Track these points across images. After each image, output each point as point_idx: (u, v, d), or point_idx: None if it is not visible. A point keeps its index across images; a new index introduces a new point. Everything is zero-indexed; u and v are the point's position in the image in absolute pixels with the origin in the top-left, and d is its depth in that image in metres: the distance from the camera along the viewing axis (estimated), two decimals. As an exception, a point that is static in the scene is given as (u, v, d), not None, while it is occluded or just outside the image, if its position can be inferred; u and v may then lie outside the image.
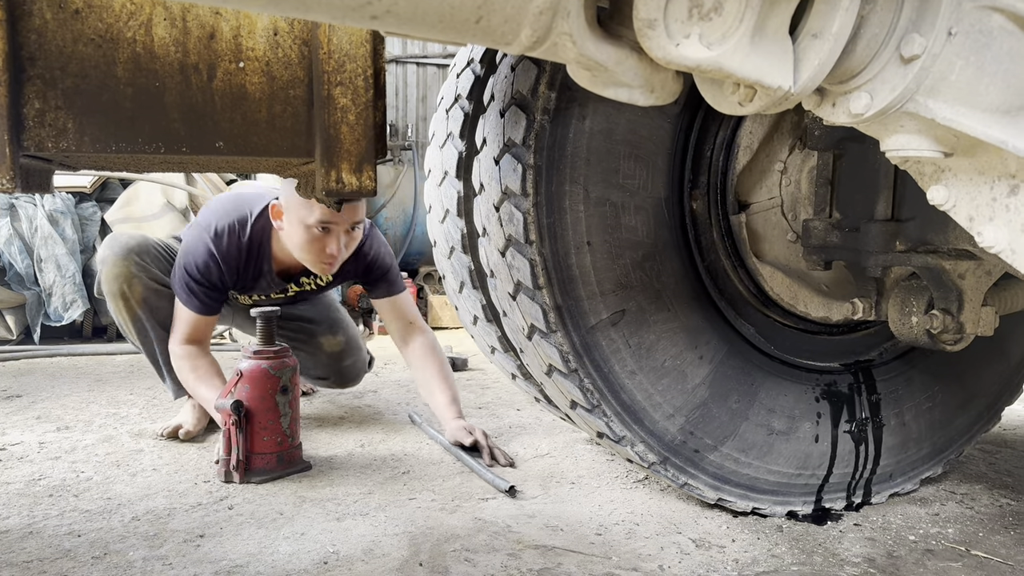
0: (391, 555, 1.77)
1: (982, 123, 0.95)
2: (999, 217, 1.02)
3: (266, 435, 2.27)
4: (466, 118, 2.06)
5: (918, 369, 2.14)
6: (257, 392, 2.26)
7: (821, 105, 1.06)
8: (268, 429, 2.27)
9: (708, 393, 1.93)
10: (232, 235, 2.53)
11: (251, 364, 2.27)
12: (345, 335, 3.13)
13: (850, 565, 1.77)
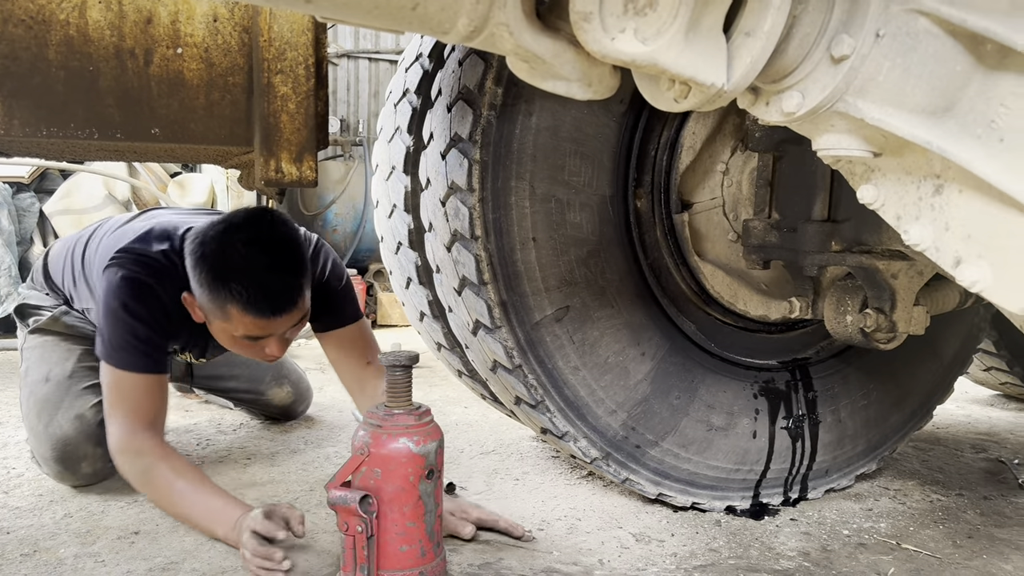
0: (330, 551, 1.76)
1: (908, 124, 0.97)
2: (925, 216, 1.05)
3: (404, 543, 1.52)
4: (414, 113, 2.05)
5: (854, 367, 2.19)
6: (394, 481, 1.50)
7: (755, 104, 1.07)
8: (407, 535, 1.52)
9: (650, 389, 1.95)
10: (157, 262, 1.91)
11: (382, 437, 1.51)
12: (291, 380, 2.81)
13: (785, 559, 1.81)
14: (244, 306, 1.73)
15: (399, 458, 1.50)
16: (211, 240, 1.74)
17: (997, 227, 0.96)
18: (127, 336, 1.81)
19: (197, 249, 1.76)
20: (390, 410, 1.55)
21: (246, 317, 1.75)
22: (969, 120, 0.97)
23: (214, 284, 1.74)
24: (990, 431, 3.09)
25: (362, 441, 1.51)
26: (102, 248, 2.04)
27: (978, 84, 0.96)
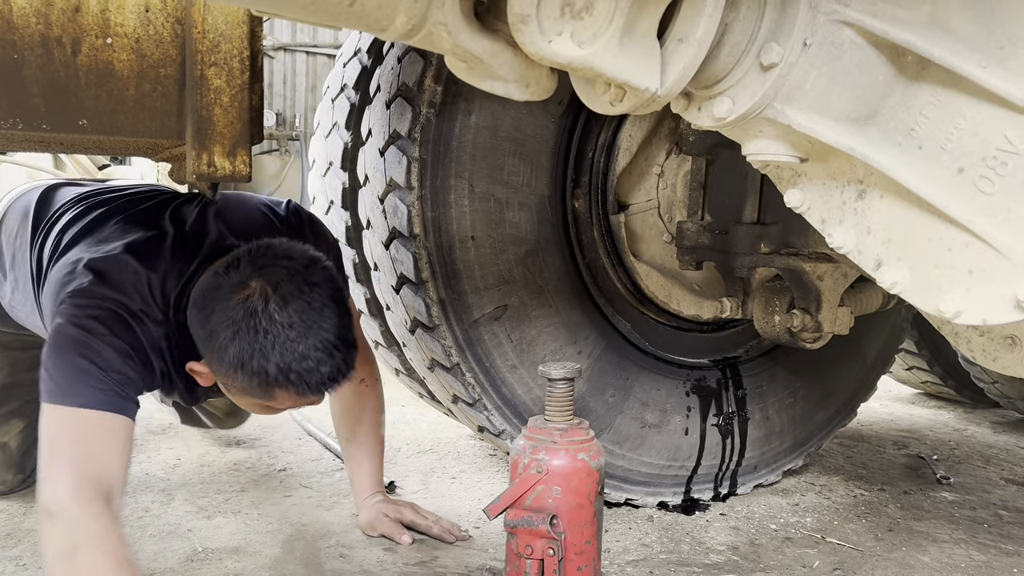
0: (263, 552, 1.73)
1: (833, 130, 1.01)
2: (848, 220, 1.09)
3: (581, 563, 1.42)
4: (352, 109, 2.03)
5: (781, 366, 2.25)
6: (574, 498, 1.40)
7: (688, 109, 1.10)
8: (584, 554, 1.42)
9: (586, 387, 1.97)
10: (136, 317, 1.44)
11: (560, 453, 1.42)
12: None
13: (715, 553, 1.85)
14: (299, 390, 1.35)
15: (579, 474, 1.41)
16: (239, 308, 1.31)
17: (915, 231, 1.00)
18: (89, 363, 1.32)
19: (223, 321, 1.33)
20: (556, 425, 1.46)
21: (296, 399, 1.39)
22: (891, 128, 1.01)
23: (257, 370, 1.32)
24: (911, 428, 3.22)
25: (535, 459, 1.41)
26: (66, 254, 1.49)
27: (899, 94, 1.00)
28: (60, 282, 1.40)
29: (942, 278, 0.97)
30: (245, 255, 1.37)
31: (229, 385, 1.40)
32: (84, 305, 1.35)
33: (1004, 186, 0.90)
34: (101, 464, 1.29)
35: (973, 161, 0.93)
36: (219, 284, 1.35)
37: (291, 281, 1.33)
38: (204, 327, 1.36)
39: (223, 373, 1.37)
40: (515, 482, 1.42)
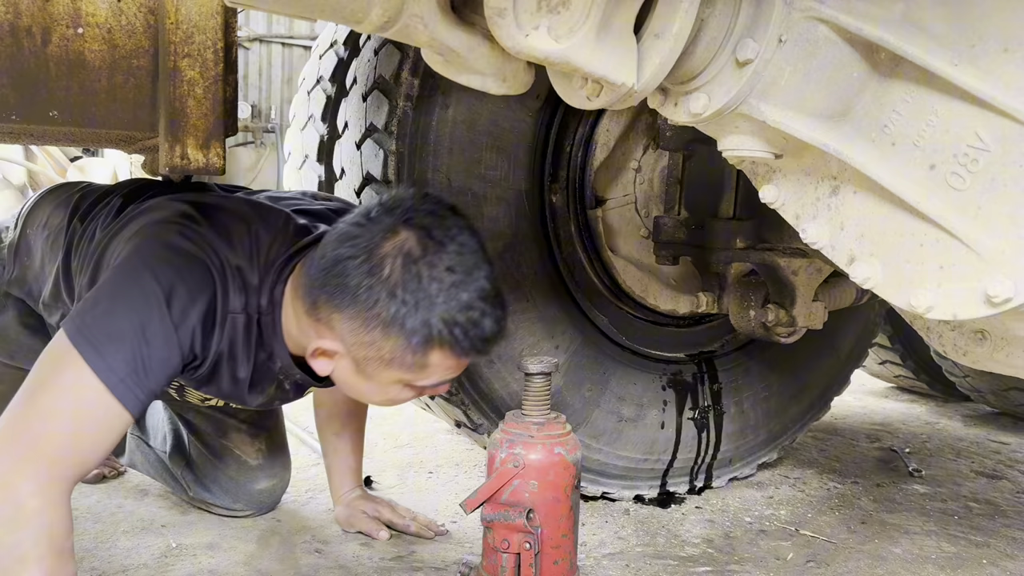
0: (237, 548, 1.72)
1: (807, 127, 1.02)
2: (822, 215, 1.10)
3: (558, 556, 1.42)
4: (328, 101, 2.02)
5: (756, 360, 2.27)
6: (551, 492, 1.41)
7: (664, 104, 1.10)
8: (561, 548, 1.42)
9: (563, 381, 1.98)
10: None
11: (537, 447, 1.42)
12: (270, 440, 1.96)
13: (690, 545, 1.87)
14: (459, 349, 1.21)
15: (556, 469, 1.41)
16: (393, 257, 1.17)
17: (888, 227, 1.01)
18: (139, 328, 1.13)
19: (374, 273, 1.17)
20: (533, 419, 1.45)
21: (448, 365, 1.25)
22: (864, 124, 1.02)
23: (419, 324, 1.17)
24: (884, 421, 3.26)
25: (512, 453, 1.40)
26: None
27: (873, 90, 1.01)
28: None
29: (914, 273, 0.98)
30: (378, 207, 1.22)
31: (370, 359, 1.22)
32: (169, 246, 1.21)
33: (975, 183, 0.91)
34: (79, 454, 1.11)
35: (945, 158, 0.94)
36: (358, 235, 1.19)
37: (441, 226, 1.20)
38: (343, 287, 1.18)
39: (367, 342, 1.20)
40: (491, 477, 1.41)
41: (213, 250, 1.25)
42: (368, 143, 1.74)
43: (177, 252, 1.23)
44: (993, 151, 0.89)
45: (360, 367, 1.25)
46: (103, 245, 1.33)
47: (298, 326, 1.30)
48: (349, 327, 1.20)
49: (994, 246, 0.90)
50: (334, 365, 1.27)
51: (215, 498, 1.87)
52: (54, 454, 1.07)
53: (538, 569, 1.40)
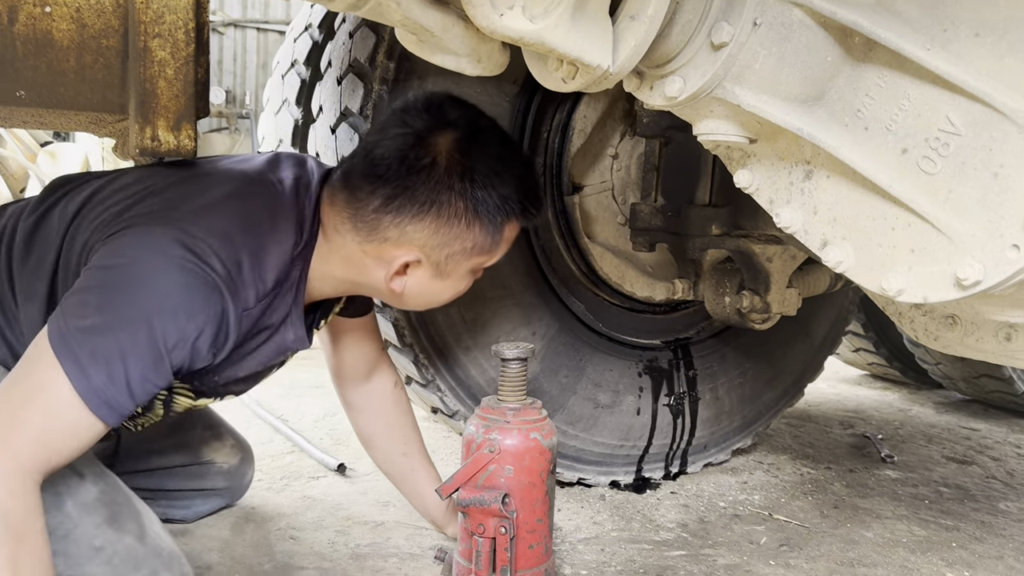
0: (211, 535, 1.71)
1: (782, 111, 1.02)
2: (795, 200, 1.11)
3: (533, 540, 1.44)
4: (303, 85, 2.00)
5: (731, 347, 2.28)
6: (526, 477, 1.42)
7: (640, 88, 1.10)
8: (536, 532, 1.44)
9: (540, 368, 1.98)
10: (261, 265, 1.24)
11: (513, 432, 1.42)
12: (229, 431, 1.88)
13: (665, 530, 1.88)
14: (527, 215, 1.33)
15: (531, 454, 1.42)
16: (454, 152, 1.23)
17: (860, 211, 1.02)
18: (127, 351, 1.08)
19: (443, 171, 1.23)
20: (509, 404, 1.46)
21: (517, 231, 1.37)
22: (838, 109, 1.03)
23: (499, 202, 1.26)
24: (857, 408, 3.29)
25: (488, 439, 1.41)
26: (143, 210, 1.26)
27: (847, 75, 1.02)
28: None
29: (885, 257, 0.99)
30: (397, 122, 1.26)
31: (453, 255, 1.29)
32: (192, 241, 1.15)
33: (946, 167, 0.92)
34: (57, 454, 1.07)
35: (917, 142, 0.94)
36: (402, 148, 1.23)
37: (468, 116, 1.28)
38: (411, 198, 1.23)
39: (450, 238, 1.27)
40: (467, 462, 1.42)
41: (216, 258, 1.17)
42: (343, 127, 1.73)
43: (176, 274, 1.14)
44: (964, 135, 0.90)
45: (439, 268, 1.32)
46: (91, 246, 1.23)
47: (354, 261, 1.32)
48: (429, 232, 1.25)
49: (964, 230, 0.91)
50: (406, 281, 1.32)
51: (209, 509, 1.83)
52: (19, 447, 1.04)
53: (513, 553, 1.40)
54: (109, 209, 1.28)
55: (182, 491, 1.76)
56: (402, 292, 1.34)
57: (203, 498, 1.79)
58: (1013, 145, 0.86)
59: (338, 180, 1.32)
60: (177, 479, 1.74)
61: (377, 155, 1.25)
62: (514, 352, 1.46)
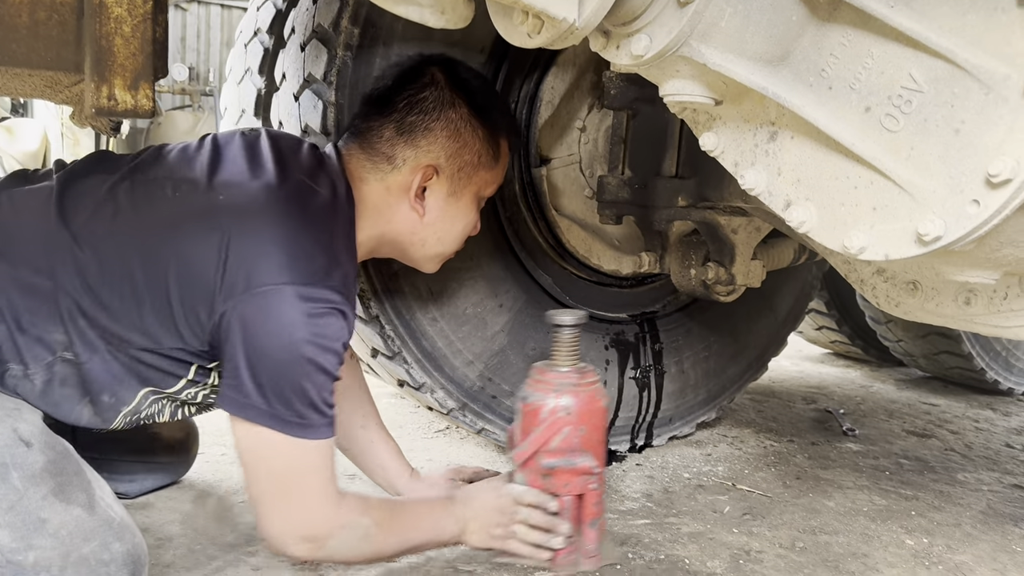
0: (173, 507, 1.68)
1: (747, 70, 1.02)
2: (760, 162, 1.11)
3: (602, 492, 1.55)
4: (266, 53, 1.96)
5: (697, 321, 2.30)
6: (595, 435, 1.51)
7: (607, 47, 1.09)
8: (602, 484, 1.54)
9: (507, 340, 1.97)
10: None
11: (583, 395, 1.50)
12: None
13: (630, 500, 1.89)
14: (511, 131, 1.56)
15: (600, 414, 1.53)
16: (441, 83, 1.45)
17: (824, 171, 1.02)
18: (322, 394, 1.25)
19: (439, 103, 1.43)
20: (571, 369, 1.54)
21: (507, 150, 1.56)
22: (802, 69, 1.03)
23: (485, 117, 1.48)
24: (820, 384, 3.34)
25: (560, 403, 1.49)
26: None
27: (811, 34, 1.02)
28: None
29: (848, 215, 0.99)
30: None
31: (465, 165, 1.47)
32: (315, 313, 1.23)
33: (908, 123, 0.92)
34: (333, 476, 1.31)
35: (880, 100, 0.95)
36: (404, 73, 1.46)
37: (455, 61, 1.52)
38: (422, 114, 1.42)
39: (460, 145, 1.45)
40: (542, 427, 1.48)
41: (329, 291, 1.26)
42: (307, 94, 1.70)
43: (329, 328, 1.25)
44: (926, 92, 0.91)
45: (454, 182, 1.46)
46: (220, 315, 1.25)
47: (380, 207, 1.45)
48: (441, 142, 1.43)
49: (925, 186, 0.91)
50: (426, 204, 1.46)
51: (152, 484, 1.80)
52: (331, 481, 1.30)
53: (602, 508, 1.53)
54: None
55: (127, 462, 1.72)
56: (423, 217, 1.46)
57: (147, 471, 1.76)
58: (974, 101, 0.87)
59: (348, 136, 1.48)
60: (122, 449, 1.70)
61: (377, 92, 1.45)
62: (570, 319, 1.54)
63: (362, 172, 1.44)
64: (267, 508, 1.27)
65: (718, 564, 1.58)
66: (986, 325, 1.27)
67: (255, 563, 1.47)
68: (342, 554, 1.34)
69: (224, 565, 1.46)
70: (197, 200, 1.29)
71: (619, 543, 1.64)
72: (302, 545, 1.28)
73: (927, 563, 1.64)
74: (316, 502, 1.28)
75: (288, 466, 1.26)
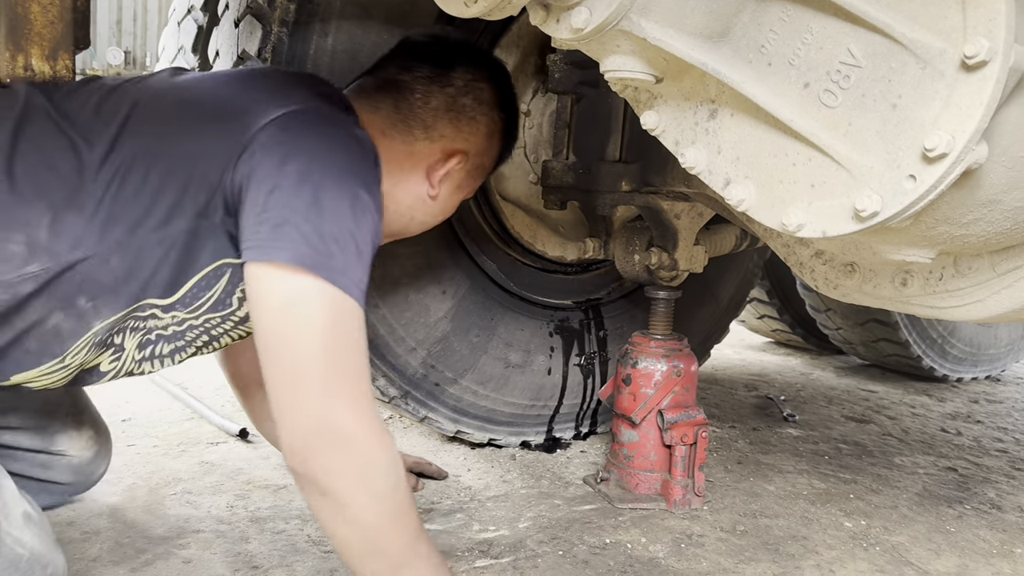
0: (100, 500, 1.62)
1: (687, 45, 1.00)
2: (700, 140, 1.10)
3: None
4: (200, 31, 1.89)
5: (641, 308, 2.29)
6: (694, 392, 1.85)
7: (547, 21, 1.07)
8: (708, 437, 1.84)
9: (450, 327, 1.95)
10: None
11: (685, 359, 1.81)
12: (92, 419, 1.61)
13: (574, 487, 1.88)
14: (505, 160, 1.52)
15: (696, 373, 1.84)
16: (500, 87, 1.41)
17: (763, 148, 1.02)
18: (366, 233, 1.07)
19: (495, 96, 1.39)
20: (670, 335, 1.84)
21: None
22: (742, 45, 1.02)
23: (509, 135, 1.46)
24: (761, 372, 3.38)
25: (672, 365, 1.78)
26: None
27: (751, 11, 1.01)
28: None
29: (786, 193, 0.99)
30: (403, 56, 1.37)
31: (479, 166, 1.42)
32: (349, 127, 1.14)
33: (846, 99, 0.92)
34: (367, 378, 1.04)
35: (818, 75, 0.94)
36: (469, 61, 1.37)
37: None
38: (471, 111, 1.35)
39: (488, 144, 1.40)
40: (658, 387, 1.77)
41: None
42: (241, 72, 1.64)
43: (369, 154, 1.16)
44: (864, 67, 0.91)
45: (467, 178, 1.41)
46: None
47: (392, 170, 1.29)
48: (482, 133, 1.38)
49: (863, 162, 0.91)
50: (443, 184, 1.37)
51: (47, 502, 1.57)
52: (366, 384, 1.03)
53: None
54: None
55: (23, 477, 1.50)
56: (434, 198, 1.37)
57: (44, 491, 1.54)
58: (911, 76, 0.87)
59: (374, 84, 1.33)
60: (22, 463, 1.51)
61: (432, 53, 1.35)
62: (665, 292, 1.84)
63: (387, 128, 1.30)
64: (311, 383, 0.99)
65: (660, 548, 1.57)
66: (922, 306, 1.28)
67: (186, 556, 1.42)
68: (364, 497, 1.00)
69: (154, 558, 1.40)
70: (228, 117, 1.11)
71: (563, 529, 1.63)
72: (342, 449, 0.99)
73: (865, 545, 1.66)
74: (365, 388, 1.03)
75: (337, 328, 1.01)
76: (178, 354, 1.26)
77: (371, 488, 1.00)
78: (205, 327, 1.22)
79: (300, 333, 0.99)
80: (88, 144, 1.06)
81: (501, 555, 1.50)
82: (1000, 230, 1.04)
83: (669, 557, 1.54)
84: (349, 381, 1.00)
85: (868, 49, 0.90)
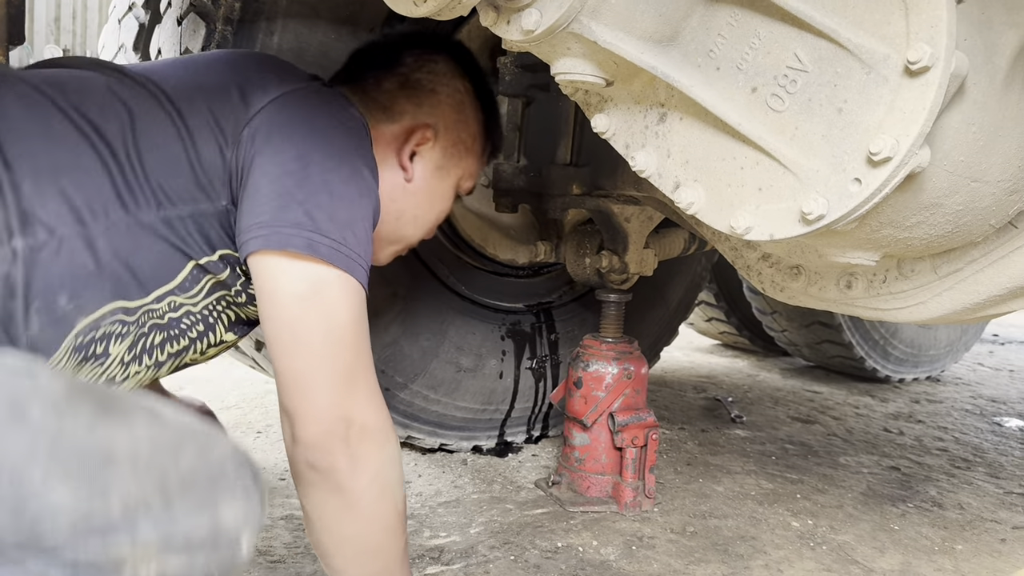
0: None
1: (637, 49, 1.01)
2: (650, 144, 1.10)
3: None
4: (141, 29, 1.84)
5: (592, 311, 2.30)
6: (644, 395, 1.88)
7: (497, 23, 1.06)
8: (657, 439, 1.87)
9: (400, 331, 1.92)
10: None
11: (636, 362, 1.84)
12: None
13: (526, 491, 1.87)
14: (498, 136, 1.40)
15: (647, 375, 1.87)
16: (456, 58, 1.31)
17: (711, 152, 1.02)
18: (369, 213, 1.06)
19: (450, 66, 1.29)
20: (620, 339, 1.86)
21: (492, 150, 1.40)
22: (691, 49, 1.02)
23: (486, 106, 1.33)
24: (710, 374, 3.43)
25: (624, 369, 1.80)
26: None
27: (700, 15, 1.01)
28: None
29: (734, 196, 0.99)
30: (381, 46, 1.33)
31: (461, 140, 1.30)
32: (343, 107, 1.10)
33: (793, 103, 0.93)
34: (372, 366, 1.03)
35: (766, 80, 0.95)
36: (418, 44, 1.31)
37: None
38: (428, 84, 1.27)
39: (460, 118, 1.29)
40: (609, 390, 1.79)
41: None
42: (184, 71, 1.60)
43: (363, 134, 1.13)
44: (811, 72, 0.92)
45: (445, 155, 1.28)
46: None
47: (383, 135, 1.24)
48: (443, 109, 1.27)
49: (809, 165, 0.92)
50: (415, 168, 1.25)
51: None
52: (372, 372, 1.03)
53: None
54: None
55: None
56: (410, 182, 1.26)
57: None
58: (856, 80, 0.88)
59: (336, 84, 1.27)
60: None
61: (377, 46, 1.31)
62: (615, 295, 1.86)
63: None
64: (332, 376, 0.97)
65: (611, 551, 1.57)
66: (866, 308, 1.30)
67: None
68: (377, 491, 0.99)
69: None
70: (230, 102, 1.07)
71: (515, 533, 1.62)
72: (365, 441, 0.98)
73: (812, 544, 1.69)
74: (376, 380, 1.03)
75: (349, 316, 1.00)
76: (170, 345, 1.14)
77: (386, 482, 1.00)
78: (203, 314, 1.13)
79: (322, 326, 0.97)
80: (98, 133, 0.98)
81: (452, 561, 1.48)
82: (942, 233, 1.06)
83: (620, 559, 1.54)
84: (367, 373, 1.01)
85: (814, 54, 0.91)
